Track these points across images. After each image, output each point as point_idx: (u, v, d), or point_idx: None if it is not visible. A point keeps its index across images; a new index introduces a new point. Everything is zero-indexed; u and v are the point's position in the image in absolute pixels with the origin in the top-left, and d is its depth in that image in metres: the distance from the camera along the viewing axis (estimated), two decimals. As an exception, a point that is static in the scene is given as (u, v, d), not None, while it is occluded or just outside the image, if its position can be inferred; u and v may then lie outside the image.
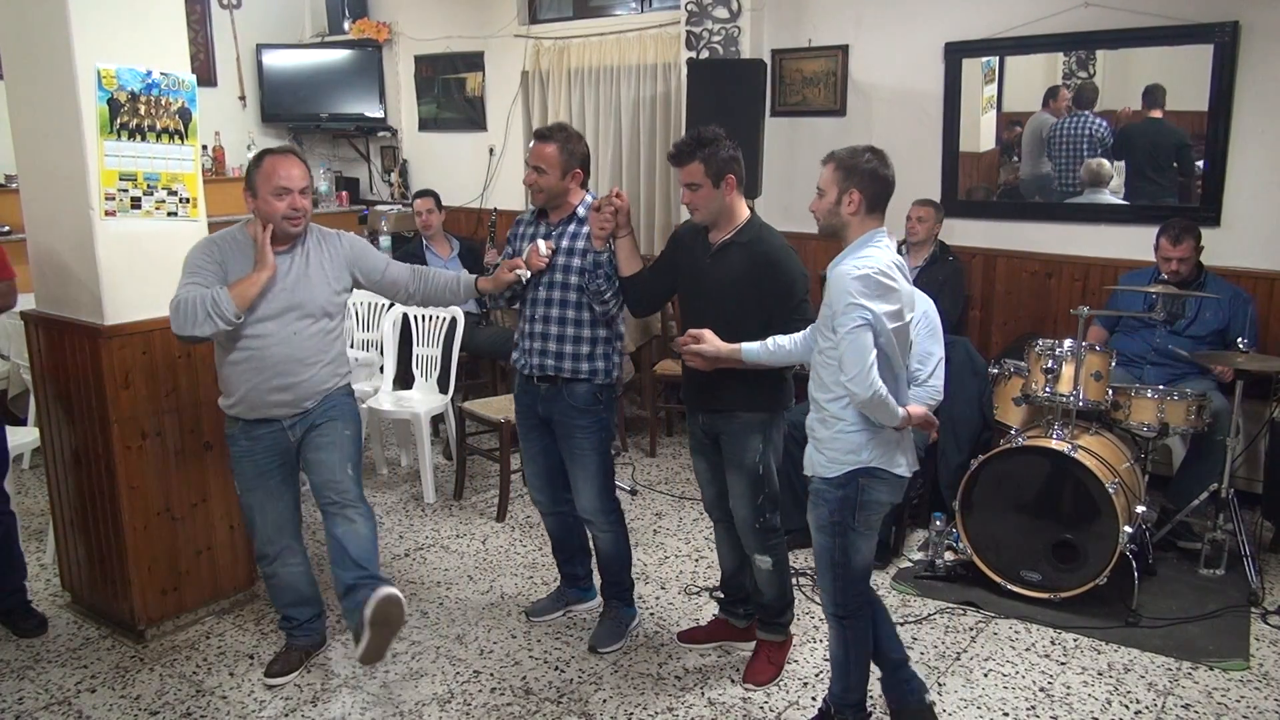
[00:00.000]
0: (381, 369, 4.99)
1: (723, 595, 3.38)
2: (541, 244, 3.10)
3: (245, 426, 3.00)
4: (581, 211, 3.15)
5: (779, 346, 2.79)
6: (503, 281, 3.13)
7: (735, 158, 2.86)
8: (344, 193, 7.70)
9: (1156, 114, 4.61)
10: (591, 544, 3.44)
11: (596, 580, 3.53)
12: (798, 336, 2.80)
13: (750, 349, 2.77)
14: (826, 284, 2.48)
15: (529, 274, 3.12)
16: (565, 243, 3.13)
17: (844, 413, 2.50)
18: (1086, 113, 4.83)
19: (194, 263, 2.87)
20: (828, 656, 2.86)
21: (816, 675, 3.17)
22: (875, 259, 2.44)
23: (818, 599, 3.66)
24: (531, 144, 3.15)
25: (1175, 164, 4.61)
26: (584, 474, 3.21)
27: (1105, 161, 4.82)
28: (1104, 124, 4.80)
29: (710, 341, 2.91)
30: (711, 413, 3.00)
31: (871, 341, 2.38)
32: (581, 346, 3.14)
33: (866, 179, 2.51)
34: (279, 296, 2.91)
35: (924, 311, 3.92)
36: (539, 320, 3.16)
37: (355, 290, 3.16)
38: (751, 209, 2.97)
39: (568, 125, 3.18)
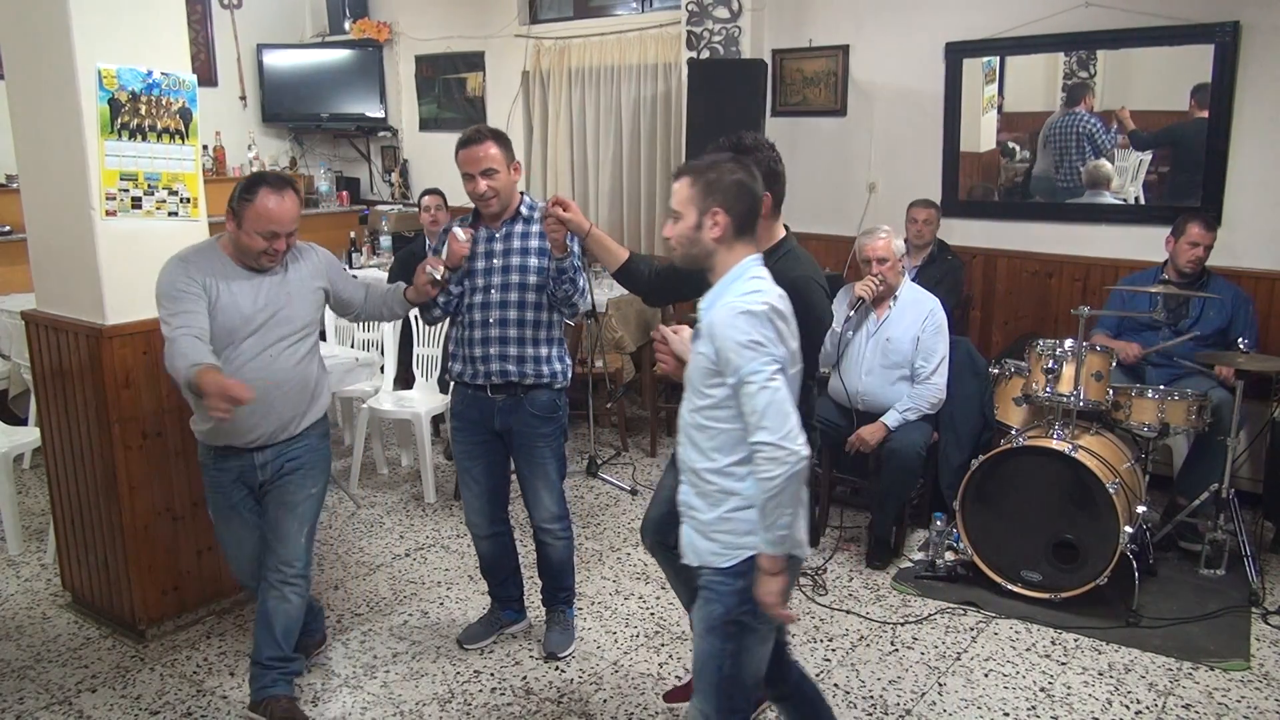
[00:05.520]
0: (382, 369, 4.99)
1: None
2: (459, 231, 2.92)
3: (216, 455, 2.84)
4: (525, 210, 3.02)
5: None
6: (421, 288, 2.93)
7: (775, 173, 2.50)
8: (344, 193, 7.71)
9: (1204, 114, 4.52)
10: (539, 553, 3.29)
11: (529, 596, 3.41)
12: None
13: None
14: (700, 326, 2.06)
15: (441, 272, 2.91)
16: (517, 243, 2.99)
17: (738, 485, 2.01)
18: (1079, 110, 4.83)
19: (174, 288, 2.64)
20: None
21: (817, 675, 3.17)
22: (765, 291, 2.01)
23: (819, 599, 3.66)
24: (464, 150, 2.93)
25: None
26: (545, 483, 3.13)
27: (1106, 163, 4.82)
28: (1098, 121, 4.80)
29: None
30: None
31: (785, 387, 1.95)
32: (541, 349, 3.02)
33: (732, 195, 2.05)
34: (257, 316, 2.73)
35: (930, 310, 3.94)
36: (494, 325, 2.99)
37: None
38: (787, 230, 2.61)
39: (487, 125, 3.02)
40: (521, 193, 3.09)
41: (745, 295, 1.99)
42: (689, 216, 2.07)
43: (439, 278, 2.92)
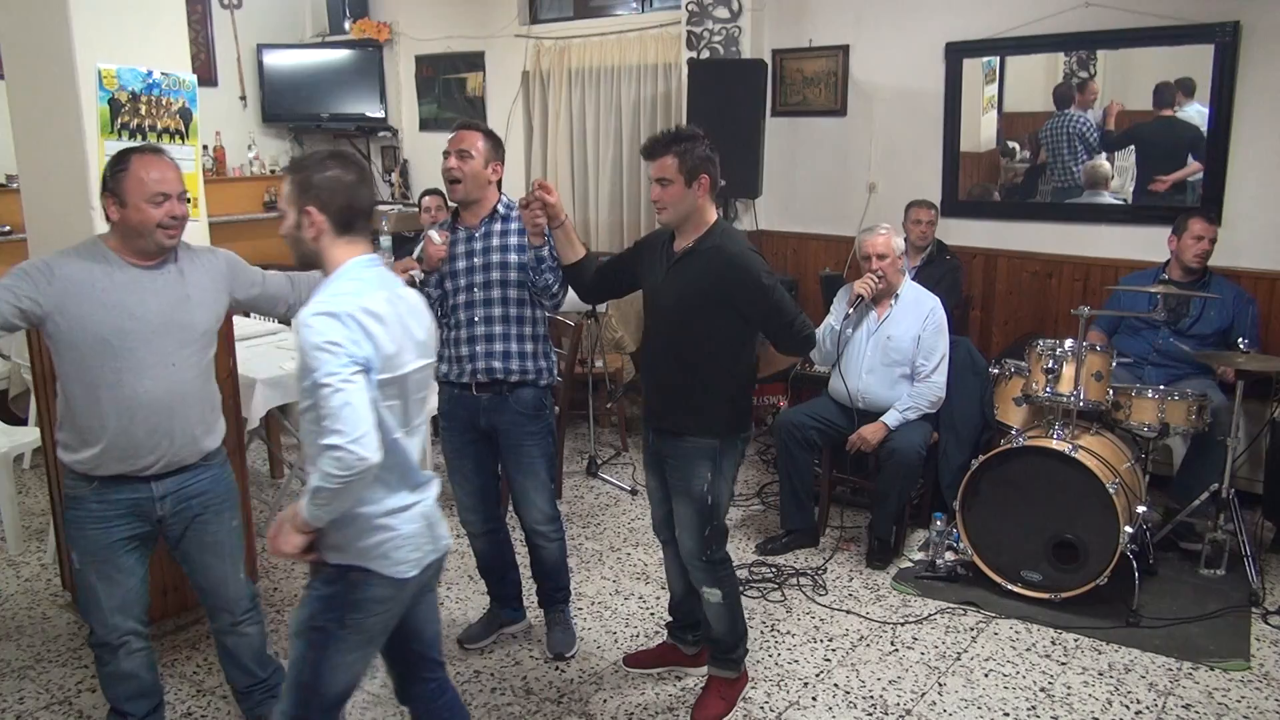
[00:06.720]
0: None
1: (671, 619, 3.22)
2: (434, 234, 2.96)
3: (100, 487, 2.47)
4: (502, 209, 3.04)
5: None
6: None
7: (711, 159, 2.70)
8: (344, 193, 7.70)
9: (1168, 113, 4.56)
10: (532, 556, 3.30)
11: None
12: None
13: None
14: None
15: (423, 275, 2.96)
16: (496, 241, 3.01)
17: None
18: (1070, 110, 4.84)
19: (21, 266, 2.38)
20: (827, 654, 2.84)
21: (817, 675, 3.17)
22: (359, 294, 1.94)
23: (819, 599, 3.66)
24: (453, 135, 2.99)
25: (1191, 160, 4.56)
26: (535, 483, 3.13)
27: (1105, 163, 4.82)
28: (1090, 121, 4.80)
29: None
30: (660, 432, 2.85)
31: (366, 390, 1.88)
32: (525, 346, 3.04)
33: (327, 193, 1.99)
34: (150, 318, 2.43)
35: (931, 308, 3.95)
36: (480, 323, 3.01)
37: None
38: (720, 215, 2.81)
39: (483, 123, 3.02)
40: (501, 193, 3.12)
41: (333, 296, 1.92)
42: (290, 216, 2.02)
43: (418, 280, 2.97)
